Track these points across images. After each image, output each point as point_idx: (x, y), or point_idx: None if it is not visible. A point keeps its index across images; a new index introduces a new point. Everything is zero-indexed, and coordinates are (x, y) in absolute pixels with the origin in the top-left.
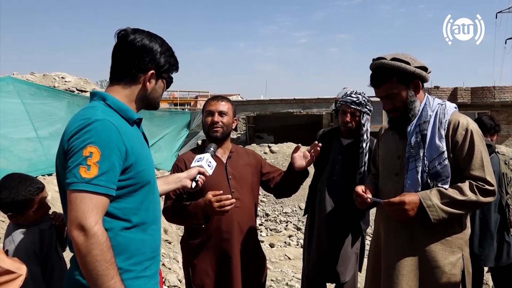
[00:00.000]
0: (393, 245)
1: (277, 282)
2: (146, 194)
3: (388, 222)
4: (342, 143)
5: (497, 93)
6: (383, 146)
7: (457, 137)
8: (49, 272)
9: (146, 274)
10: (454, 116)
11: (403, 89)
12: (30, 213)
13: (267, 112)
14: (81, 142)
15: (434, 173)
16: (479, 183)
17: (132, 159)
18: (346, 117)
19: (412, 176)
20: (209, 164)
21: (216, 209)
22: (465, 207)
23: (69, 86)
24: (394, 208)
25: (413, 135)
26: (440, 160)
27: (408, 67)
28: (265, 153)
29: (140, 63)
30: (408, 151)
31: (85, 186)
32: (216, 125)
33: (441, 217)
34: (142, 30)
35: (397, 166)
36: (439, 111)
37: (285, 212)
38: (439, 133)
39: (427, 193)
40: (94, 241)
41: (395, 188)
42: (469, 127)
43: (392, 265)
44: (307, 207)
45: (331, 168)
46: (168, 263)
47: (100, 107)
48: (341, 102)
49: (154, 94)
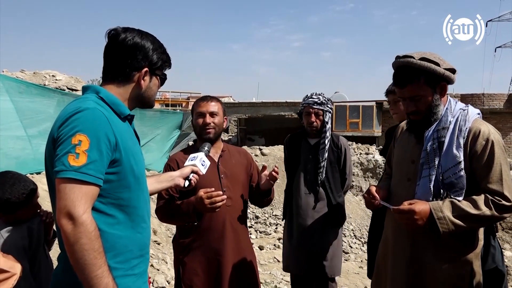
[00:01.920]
0: (400, 252)
1: (266, 284)
2: (135, 191)
3: (397, 229)
4: (310, 143)
5: (487, 100)
6: (398, 148)
7: (477, 146)
8: (36, 269)
9: (134, 272)
10: (476, 124)
11: (430, 92)
12: (22, 212)
13: (259, 114)
14: (70, 129)
15: (448, 183)
16: (496, 197)
17: (121, 152)
18: (311, 117)
19: (425, 185)
20: (203, 163)
21: (208, 206)
22: (477, 222)
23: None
24: (403, 216)
25: (430, 141)
26: (456, 170)
27: (438, 68)
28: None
29: (133, 61)
30: (423, 157)
31: (74, 174)
32: (208, 126)
33: (451, 229)
34: (132, 29)
35: (410, 171)
36: (460, 117)
37: (275, 215)
38: (457, 142)
39: (439, 204)
40: (83, 229)
41: (406, 194)
42: (490, 137)
43: (398, 273)
44: (285, 211)
45: (304, 168)
46: (157, 264)
47: (92, 99)
48: (303, 105)
49: (149, 92)
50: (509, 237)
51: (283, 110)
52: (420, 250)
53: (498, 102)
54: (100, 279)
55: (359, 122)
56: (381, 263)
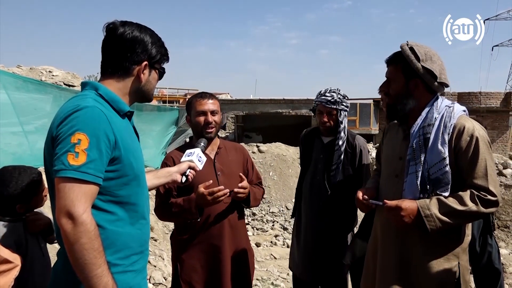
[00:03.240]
0: (389, 248)
1: (262, 281)
2: (134, 188)
3: (385, 226)
4: (323, 141)
5: (483, 99)
6: (386, 144)
7: (461, 143)
8: (28, 266)
9: (133, 268)
10: (461, 120)
11: (401, 80)
12: (36, 199)
13: (256, 111)
14: (69, 128)
15: (434, 179)
16: (481, 193)
17: (120, 150)
18: (323, 117)
19: (412, 181)
20: (200, 159)
21: (210, 201)
22: (464, 218)
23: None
24: (390, 213)
25: (416, 137)
26: (441, 166)
27: (414, 62)
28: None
29: (133, 55)
30: (410, 154)
31: (73, 174)
32: (211, 125)
33: (438, 227)
34: (130, 22)
35: (398, 168)
36: (445, 114)
37: (272, 212)
38: (442, 138)
39: (426, 202)
40: (83, 229)
41: (394, 190)
42: (474, 133)
43: (387, 268)
44: (295, 209)
45: (314, 167)
46: (154, 260)
47: (91, 96)
48: (316, 102)
49: (148, 85)
50: (504, 235)
51: (280, 107)
52: (408, 246)
53: (495, 101)
54: (99, 278)
55: (357, 120)
56: (369, 261)
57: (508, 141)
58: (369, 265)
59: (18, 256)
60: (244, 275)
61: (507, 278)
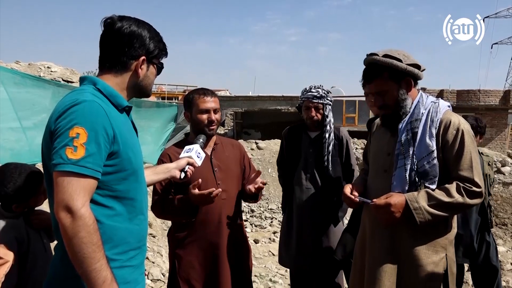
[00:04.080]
0: (378, 242)
1: (260, 277)
2: (132, 183)
3: (373, 221)
4: (310, 136)
5: (482, 97)
6: (374, 142)
7: (448, 136)
8: (30, 264)
9: (131, 263)
10: (446, 115)
11: (394, 87)
12: (34, 200)
13: (255, 108)
14: (68, 122)
15: (422, 172)
16: (467, 184)
17: (119, 144)
18: (311, 112)
19: (400, 174)
20: (198, 155)
21: (204, 201)
22: (451, 209)
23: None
24: (380, 210)
25: (404, 133)
26: (429, 159)
27: (400, 64)
28: (252, 149)
29: (131, 49)
30: (398, 149)
31: (72, 168)
32: (214, 123)
33: (427, 219)
34: (128, 17)
35: (386, 163)
36: (431, 109)
37: (270, 209)
38: (429, 132)
39: (414, 195)
40: (81, 223)
41: (383, 185)
42: (460, 127)
43: (376, 262)
44: (285, 206)
45: (305, 162)
46: (152, 256)
47: (89, 90)
48: (303, 99)
49: (146, 80)
50: (502, 232)
51: (279, 104)
52: (397, 239)
53: (494, 99)
54: (98, 272)
55: (356, 117)
56: (357, 257)
57: (506, 139)
58: (356, 261)
59: (10, 253)
60: (242, 272)
61: (505, 275)
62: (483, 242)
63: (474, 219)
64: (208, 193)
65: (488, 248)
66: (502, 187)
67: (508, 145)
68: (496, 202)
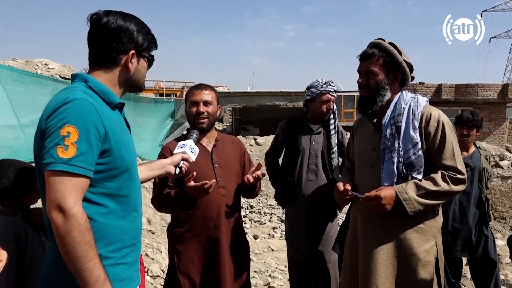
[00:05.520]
0: (371, 235)
1: (260, 273)
2: (126, 180)
3: (365, 214)
4: (312, 129)
5: (480, 91)
6: (358, 140)
7: (430, 128)
8: (28, 260)
9: (125, 261)
10: (426, 108)
11: (383, 74)
12: (27, 198)
13: (253, 104)
14: (59, 121)
15: (409, 164)
16: (451, 172)
17: (111, 142)
18: (330, 105)
19: (388, 167)
20: (192, 150)
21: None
22: (439, 197)
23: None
24: (371, 203)
25: (388, 127)
26: (415, 150)
27: (398, 56)
28: (250, 145)
29: (119, 44)
30: (384, 143)
31: (63, 167)
32: (202, 115)
33: (417, 209)
34: (114, 11)
35: (373, 158)
36: (412, 104)
37: (270, 204)
38: (413, 125)
39: (403, 186)
40: (73, 222)
41: (372, 179)
42: (440, 119)
43: (370, 254)
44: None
45: (308, 154)
46: (151, 253)
47: (80, 88)
48: (321, 91)
49: (138, 74)
50: (500, 226)
51: (278, 100)
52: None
53: (492, 93)
54: (91, 272)
55: (354, 112)
56: (348, 251)
57: (505, 133)
58: (347, 255)
59: (3, 252)
60: (242, 266)
61: (503, 269)
62: (481, 236)
63: (472, 213)
64: (201, 185)
65: (487, 241)
66: (501, 181)
67: (506, 139)
68: (495, 196)
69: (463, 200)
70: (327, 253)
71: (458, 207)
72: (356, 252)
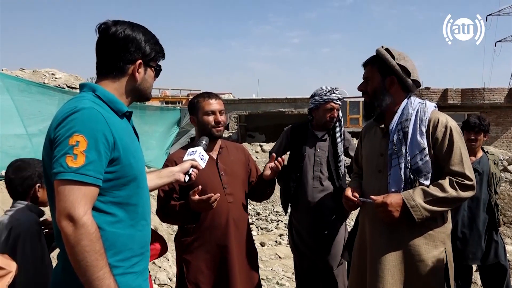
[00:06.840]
0: (379, 241)
1: (267, 281)
2: (134, 188)
3: (373, 219)
4: (317, 136)
5: (487, 95)
6: (366, 145)
7: (437, 134)
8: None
9: (134, 270)
10: (434, 114)
11: (378, 78)
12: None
13: (259, 111)
14: (67, 130)
15: (416, 169)
16: (459, 178)
17: (119, 150)
18: (335, 112)
19: (396, 173)
20: (202, 157)
21: (204, 207)
22: (447, 204)
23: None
24: (378, 209)
25: (395, 133)
26: (422, 156)
27: (389, 59)
28: (256, 152)
29: (126, 54)
30: (391, 149)
31: (73, 176)
32: (221, 124)
33: (425, 216)
34: (123, 21)
35: (380, 164)
36: (419, 109)
37: (276, 211)
38: (420, 130)
39: (410, 193)
40: (83, 231)
41: (379, 185)
42: (448, 124)
43: (378, 260)
44: (287, 205)
45: (313, 161)
46: (158, 261)
47: (88, 97)
48: (325, 100)
49: (145, 84)
50: (510, 231)
51: (283, 106)
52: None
53: (499, 97)
54: (101, 281)
55: (360, 118)
56: (356, 256)
57: None
58: (355, 260)
59: (12, 263)
60: (252, 274)
61: None
62: (491, 242)
63: (482, 219)
64: (207, 198)
65: (497, 247)
66: (509, 186)
67: None
68: (503, 201)
69: (472, 206)
70: (333, 259)
71: (467, 212)
72: (364, 258)
